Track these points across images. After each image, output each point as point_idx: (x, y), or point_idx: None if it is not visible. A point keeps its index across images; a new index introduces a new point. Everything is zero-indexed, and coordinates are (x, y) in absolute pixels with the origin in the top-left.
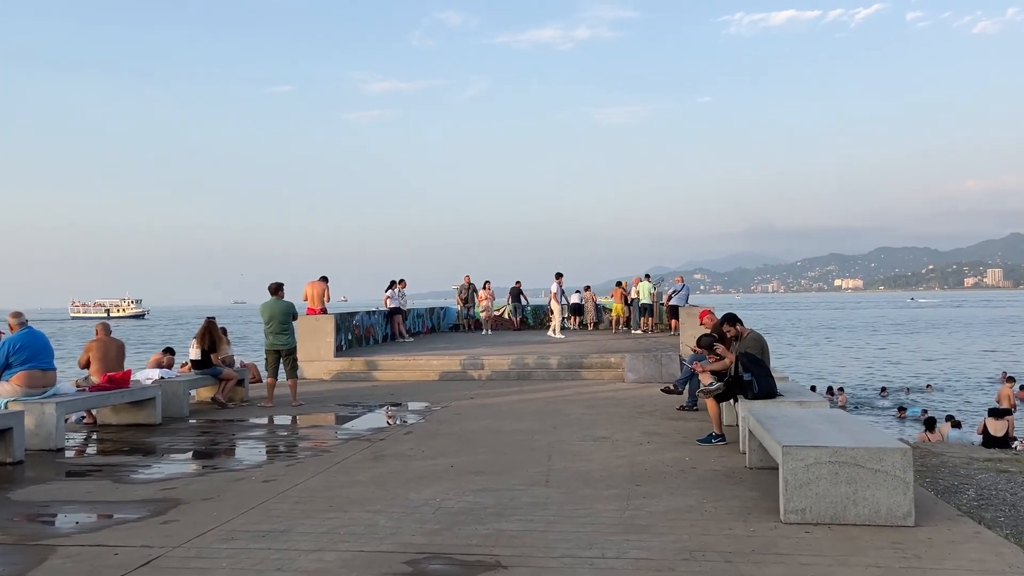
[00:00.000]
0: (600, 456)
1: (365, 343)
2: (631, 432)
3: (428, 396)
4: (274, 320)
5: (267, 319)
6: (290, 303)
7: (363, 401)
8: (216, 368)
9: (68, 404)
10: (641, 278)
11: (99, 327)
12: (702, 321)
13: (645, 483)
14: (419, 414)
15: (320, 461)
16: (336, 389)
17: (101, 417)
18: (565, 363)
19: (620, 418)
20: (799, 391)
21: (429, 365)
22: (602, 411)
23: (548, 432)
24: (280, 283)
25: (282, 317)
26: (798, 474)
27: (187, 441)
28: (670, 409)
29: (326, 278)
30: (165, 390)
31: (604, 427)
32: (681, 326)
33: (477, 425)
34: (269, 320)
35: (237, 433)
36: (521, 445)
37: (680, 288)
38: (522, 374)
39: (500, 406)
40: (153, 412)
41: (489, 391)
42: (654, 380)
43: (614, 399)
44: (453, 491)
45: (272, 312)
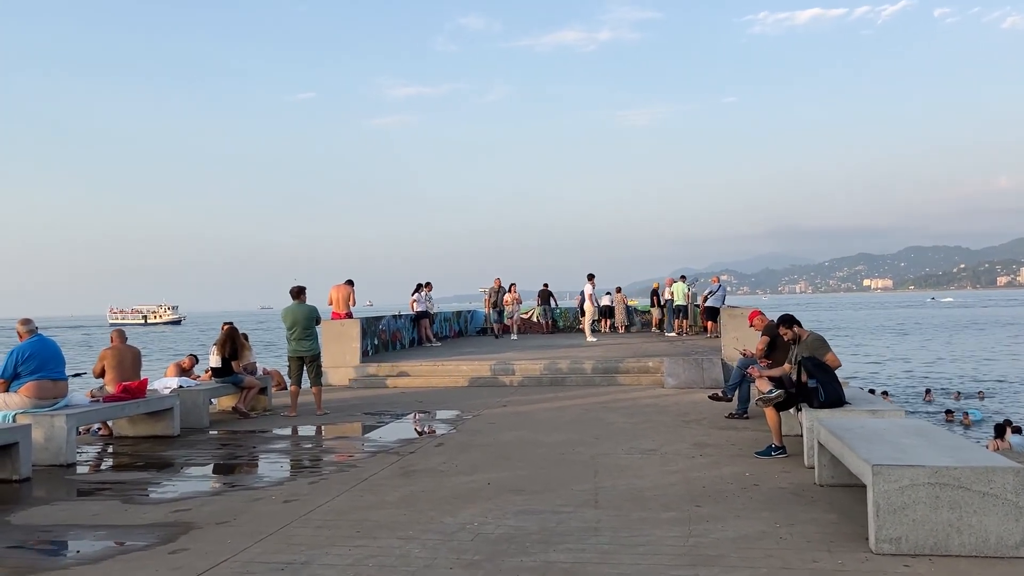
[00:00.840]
0: (651, 471)
1: (392, 348)
2: (680, 443)
3: (458, 403)
4: (297, 325)
5: (289, 324)
6: (313, 307)
7: (390, 409)
8: (237, 376)
9: (79, 416)
10: (675, 279)
11: (114, 334)
12: (752, 323)
13: (706, 503)
14: (450, 423)
15: (345, 478)
16: (362, 396)
17: (117, 428)
18: (600, 368)
19: (665, 427)
20: (866, 398)
21: (458, 370)
22: (645, 420)
23: (590, 444)
24: (302, 287)
25: (305, 322)
26: (892, 498)
27: (205, 455)
28: (718, 417)
29: (352, 281)
30: (184, 400)
31: (650, 438)
32: (722, 328)
33: (512, 436)
34: (292, 326)
35: (258, 445)
36: (562, 459)
37: (716, 289)
38: (555, 379)
39: (535, 414)
40: (171, 423)
41: (522, 398)
42: (696, 385)
43: (656, 406)
44: (492, 513)
45: (295, 317)
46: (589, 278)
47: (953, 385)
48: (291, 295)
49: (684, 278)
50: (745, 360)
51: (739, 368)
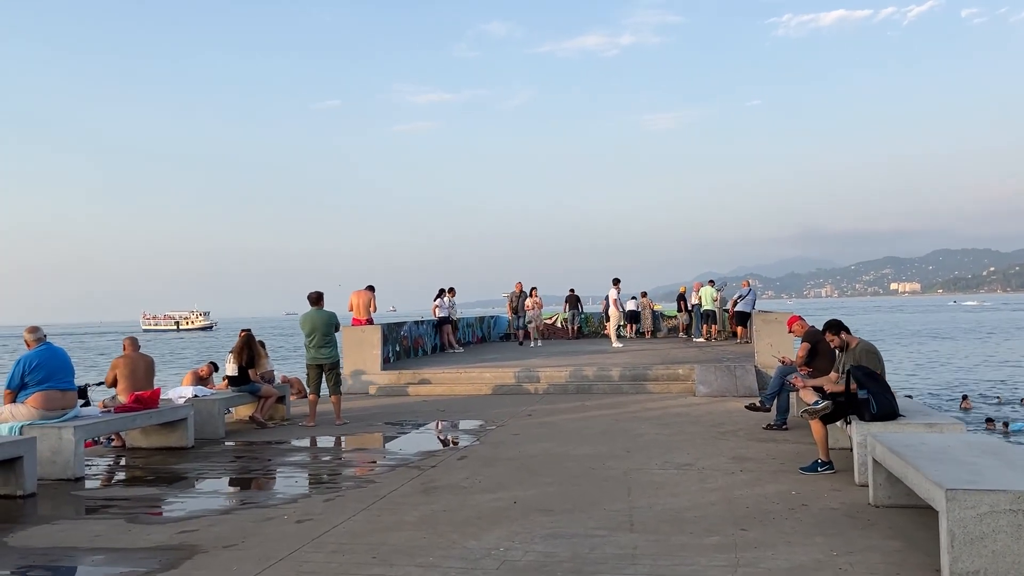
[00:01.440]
0: (688, 489)
1: (413, 354)
2: (717, 457)
3: (481, 413)
4: (316, 332)
5: (308, 331)
6: (332, 313)
7: (411, 419)
8: (254, 385)
9: (88, 428)
10: (703, 283)
11: (127, 342)
12: (791, 328)
13: (752, 526)
14: (473, 434)
15: (363, 494)
16: (383, 404)
17: (130, 439)
18: (628, 375)
19: (700, 439)
20: (920, 410)
21: (481, 378)
22: (678, 431)
23: (621, 457)
24: (320, 292)
25: (324, 329)
26: (969, 526)
27: (218, 468)
28: (755, 428)
29: (373, 287)
30: (199, 409)
31: (684, 451)
32: (755, 334)
33: (538, 448)
34: (311, 332)
35: (273, 458)
36: (592, 474)
37: (746, 293)
38: (581, 387)
39: (561, 425)
40: (185, 434)
41: (547, 407)
42: (729, 394)
43: (688, 416)
44: (519, 536)
45: (313, 324)
46: (614, 282)
47: (995, 390)
48: (309, 301)
49: (712, 282)
50: (784, 368)
51: (777, 376)
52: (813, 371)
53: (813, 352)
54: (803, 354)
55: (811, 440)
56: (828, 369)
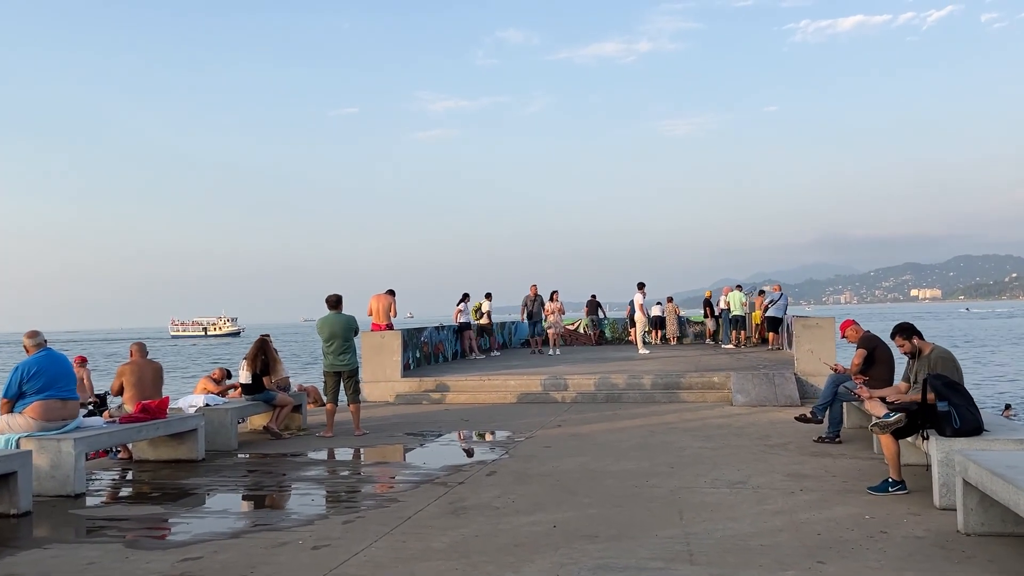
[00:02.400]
0: (747, 511)
1: (434, 361)
2: (771, 474)
3: (508, 423)
4: (335, 338)
5: (327, 337)
6: (351, 317)
7: (434, 429)
8: (269, 393)
9: (90, 440)
10: (732, 287)
11: (133, 347)
12: (844, 333)
13: (829, 558)
14: (501, 447)
15: (386, 516)
16: (403, 413)
17: (137, 451)
18: (660, 383)
19: (748, 453)
20: (1005, 423)
21: (506, 386)
22: (722, 444)
23: (665, 474)
24: (339, 295)
25: (344, 334)
26: None
27: (229, 483)
28: (805, 441)
29: (393, 291)
30: (211, 419)
31: (733, 466)
32: (796, 340)
33: (574, 463)
34: (330, 338)
35: (289, 472)
36: (636, 493)
37: (778, 298)
38: (611, 396)
39: (595, 437)
40: (195, 446)
41: (577, 416)
42: (768, 403)
43: (730, 428)
44: (565, 569)
45: (332, 329)
46: (639, 287)
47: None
48: (328, 305)
49: (740, 287)
50: (837, 376)
51: (829, 385)
52: (869, 379)
53: (870, 359)
54: (859, 361)
55: (869, 454)
56: (886, 377)
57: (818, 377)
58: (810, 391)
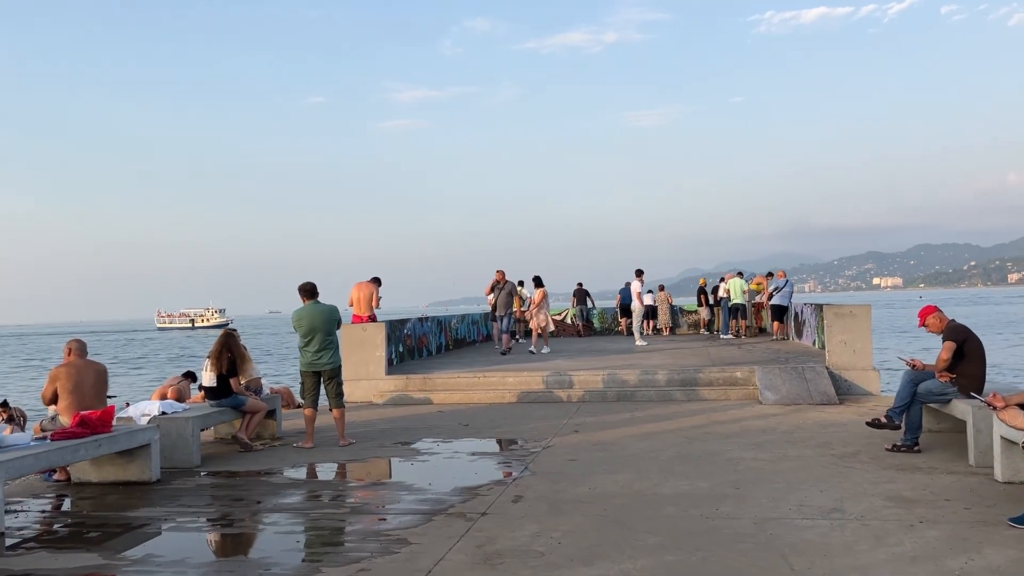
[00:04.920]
0: (871, 556)
1: (418, 355)
2: (866, 498)
3: (515, 427)
4: (316, 332)
5: (306, 331)
6: (334, 307)
7: (431, 436)
8: (238, 397)
9: (11, 465)
10: (733, 274)
11: (70, 346)
12: (924, 322)
13: None
14: (517, 460)
15: (397, 569)
16: (391, 417)
17: (77, 472)
18: (677, 379)
19: (817, 467)
20: None
21: (504, 383)
22: (777, 453)
23: (733, 498)
24: (314, 283)
25: (327, 327)
26: None
27: (189, 514)
28: (876, 449)
29: (378, 279)
30: (167, 431)
31: (811, 486)
32: (828, 330)
33: (614, 483)
34: (309, 333)
35: (263, 499)
36: (713, 528)
37: (783, 285)
38: (623, 394)
39: (624, 445)
40: (148, 464)
41: (592, 419)
42: (803, 401)
43: (775, 432)
44: None
45: (313, 322)
46: (637, 274)
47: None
48: (302, 294)
49: (741, 273)
50: (915, 374)
51: (907, 384)
52: (958, 377)
53: (958, 354)
54: (947, 356)
55: (965, 467)
56: (977, 375)
57: (852, 371)
58: (843, 387)
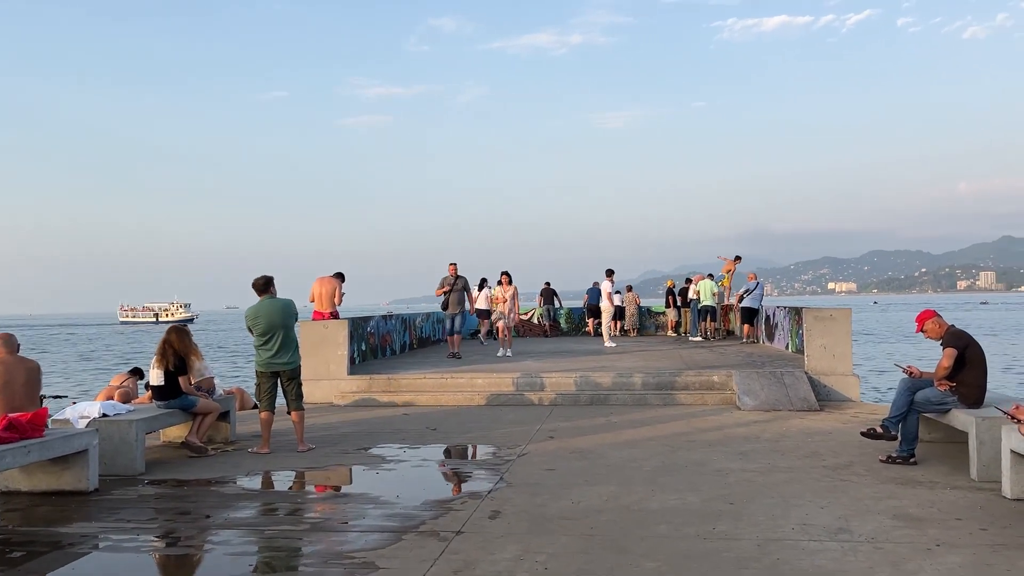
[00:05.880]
0: None
1: (381, 354)
2: (871, 516)
3: (486, 433)
4: (275, 330)
5: (263, 328)
6: (290, 302)
7: (396, 441)
8: (188, 398)
9: None
10: (704, 276)
11: None
12: (922, 328)
13: None
14: (491, 469)
15: None
16: (354, 420)
17: (4, 481)
18: (652, 382)
19: (812, 480)
20: None
21: (472, 385)
22: (766, 464)
23: (729, 515)
24: (269, 277)
25: (285, 323)
26: None
27: (128, 530)
28: (869, 460)
29: (342, 275)
30: (108, 435)
31: (809, 501)
32: (808, 334)
33: (597, 496)
34: (268, 330)
35: (214, 512)
36: (712, 551)
37: (754, 287)
38: (596, 398)
39: (603, 454)
40: (85, 472)
41: (567, 424)
42: (782, 407)
43: (759, 440)
44: None
45: (271, 318)
46: (608, 274)
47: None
48: (256, 289)
49: (712, 275)
50: (912, 382)
51: (903, 392)
52: (958, 386)
53: (959, 361)
54: (949, 363)
55: (967, 481)
56: (978, 383)
57: (832, 376)
58: (823, 393)
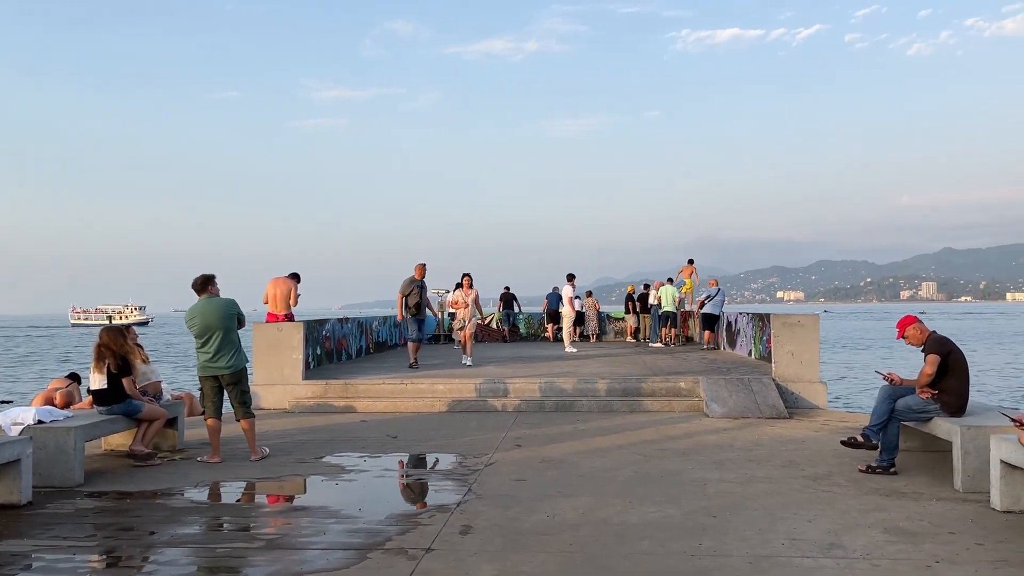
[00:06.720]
0: None
1: (337, 358)
2: (862, 530)
3: (450, 441)
4: (212, 331)
5: (199, 330)
6: (231, 301)
7: (355, 450)
8: (132, 403)
9: None
10: (663, 282)
11: None
12: (903, 334)
13: None
14: (457, 479)
15: None
16: (310, 427)
17: None
18: (618, 389)
19: (793, 491)
20: None
21: (433, 391)
22: (744, 474)
23: (714, 529)
24: (208, 275)
25: (224, 324)
26: None
27: (60, 549)
28: (848, 469)
29: (297, 275)
30: (43, 443)
31: (795, 514)
32: (776, 340)
33: (572, 509)
34: (204, 332)
35: (159, 528)
36: (702, 569)
37: (715, 293)
38: (561, 404)
39: (574, 463)
40: (17, 483)
41: (533, 432)
42: (751, 414)
43: (733, 449)
44: None
45: (206, 319)
46: (569, 279)
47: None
48: (194, 288)
49: (671, 280)
50: (892, 389)
51: (884, 400)
52: (941, 393)
53: (941, 368)
54: (931, 371)
55: (951, 492)
56: (961, 391)
57: (799, 384)
58: (790, 400)
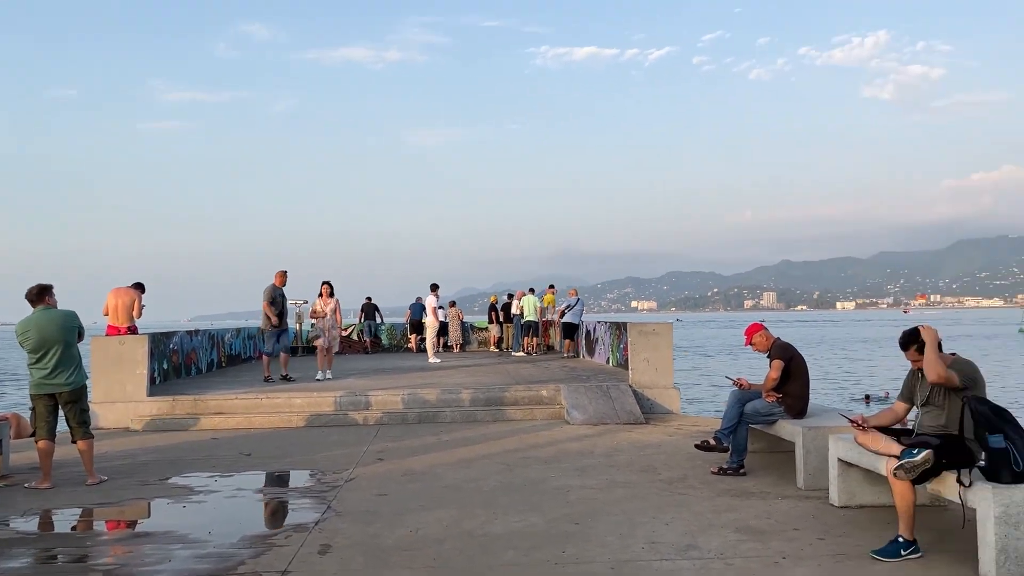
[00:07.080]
0: None
1: (186, 373)
2: (715, 530)
3: (308, 456)
4: (49, 345)
5: (35, 344)
6: (70, 313)
7: (206, 468)
8: None
9: None
10: (525, 292)
11: None
12: (751, 340)
13: None
14: (315, 496)
15: None
16: (155, 446)
17: None
18: (481, 398)
19: (651, 495)
20: None
21: (290, 405)
22: (604, 479)
23: (577, 536)
24: (45, 285)
25: (63, 337)
26: None
27: None
28: (701, 471)
29: (141, 285)
30: None
31: (653, 518)
32: (632, 348)
33: (437, 523)
34: (40, 347)
35: None
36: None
37: (575, 303)
38: (424, 415)
39: (438, 475)
40: None
41: (396, 445)
42: (609, 420)
43: (594, 455)
44: None
45: (43, 332)
46: (432, 288)
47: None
48: (29, 299)
49: (533, 290)
50: (741, 393)
51: (734, 404)
52: (785, 397)
53: (784, 373)
54: (776, 375)
55: (795, 491)
56: (802, 395)
57: (655, 390)
58: (646, 406)
